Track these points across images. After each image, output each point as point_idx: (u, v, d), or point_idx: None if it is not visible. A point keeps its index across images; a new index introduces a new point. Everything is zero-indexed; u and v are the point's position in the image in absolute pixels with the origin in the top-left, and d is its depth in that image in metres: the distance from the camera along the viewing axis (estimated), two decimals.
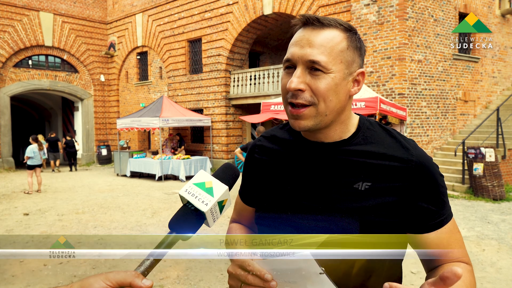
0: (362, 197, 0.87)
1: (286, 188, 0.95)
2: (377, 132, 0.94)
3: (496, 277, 4.05)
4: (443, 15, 10.45)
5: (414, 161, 0.87)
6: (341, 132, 0.93)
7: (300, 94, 0.85)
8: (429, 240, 0.89)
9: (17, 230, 6.23)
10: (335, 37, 0.86)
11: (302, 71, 0.85)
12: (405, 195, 0.86)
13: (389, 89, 9.78)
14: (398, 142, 0.91)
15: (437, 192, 0.88)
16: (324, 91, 0.84)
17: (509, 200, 8.15)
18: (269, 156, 1.02)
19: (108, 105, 18.89)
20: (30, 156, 9.92)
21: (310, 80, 0.85)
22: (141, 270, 0.68)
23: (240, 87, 13.69)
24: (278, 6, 11.98)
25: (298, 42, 0.87)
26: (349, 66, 0.88)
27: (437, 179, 0.89)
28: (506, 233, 5.71)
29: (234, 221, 1.19)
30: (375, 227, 0.85)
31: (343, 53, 0.86)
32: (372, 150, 0.90)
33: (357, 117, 0.98)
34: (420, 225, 0.88)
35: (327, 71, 0.84)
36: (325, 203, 0.89)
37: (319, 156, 0.93)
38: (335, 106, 0.87)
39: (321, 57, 0.84)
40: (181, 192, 0.77)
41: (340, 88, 0.87)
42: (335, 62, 0.85)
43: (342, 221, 0.87)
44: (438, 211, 0.88)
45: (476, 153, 8.43)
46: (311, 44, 0.85)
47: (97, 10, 18.38)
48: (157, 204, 8.28)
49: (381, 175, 0.87)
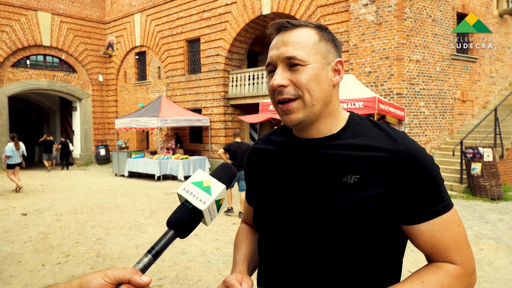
0: (352, 190, 0.87)
1: (280, 186, 0.97)
2: (366, 126, 0.95)
3: (494, 277, 4.07)
4: (441, 15, 10.48)
5: (401, 151, 0.87)
6: (331, 125, 0.95)
7: (284, 90, 0.90)
8: (420, 232, 0.87)
9: (15, 230, 6.22)
10: (306, 34, 0.91)
11: (282, 69, 0.90)
12: (394, 185, 0.85)
13: (388, 89, 9.80)
14: (386, 134, 0.92)
15: (428, 181, 0.86)
16: (306, 82, 0.88)
17: (507, 199, 8.18)
18: (264, 157, 1.06)
19: (106, 105, 18.87)
20: (8, 155, 9.90)
21: (291, 75, 0.89)
22: (140, 267, 0.69)
23: (239, 87, 13.69)
24: (276, 6, 11.99)
25: (275, 45, 0.93)
26: (325, 56, 0.92)
27: (427, 167, 0.87)
28: (504, 232, 5.73)
29: (243, 221, 1.26)
30: (366, 219, 0.85)
31: (317, 46, 0.91)
32: (359, 143, 0.90)
33: (348, 113, 1.00)
34: (410, 215, 0.87)
35: (304, 64, 0.89)
36: (316, 198, 0.89)
37: (309, 152, 0.95)
38: (320, 95, 0.90)
39: (297, 52, 0.89)
40: (179, 190, 0.78)
41: (321, 77, 0.90)
42: (311, 54, 0.90)
43: (333, 216, 0.87)
44: (429, 201, 0.86)
45: (474, 153, 8.46)
46: (285, 43, 0.90)
47: (95, 10, 18.36)
48: (155, 204, 8.27)
49: (369, 166, 0.87)
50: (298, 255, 0.91)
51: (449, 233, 0.87)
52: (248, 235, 1.18)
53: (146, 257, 0.70)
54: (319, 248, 0.88)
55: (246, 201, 1.21)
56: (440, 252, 0.87)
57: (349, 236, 0.85)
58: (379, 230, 0.86)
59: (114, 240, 5.56)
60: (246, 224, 1.24)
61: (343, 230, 0.86)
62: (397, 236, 0.91)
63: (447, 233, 0.87)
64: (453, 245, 0.87)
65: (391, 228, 0.89)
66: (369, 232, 0.86)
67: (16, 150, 10.15)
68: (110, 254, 4.96)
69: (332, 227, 0.87)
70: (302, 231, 0.90)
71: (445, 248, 0.87)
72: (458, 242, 0.88)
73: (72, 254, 4.98)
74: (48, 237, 5.77)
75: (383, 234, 0.88)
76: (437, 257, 0.88)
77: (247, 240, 1.15)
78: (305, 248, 0.90)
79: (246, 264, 1.04)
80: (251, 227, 1.21)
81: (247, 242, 1.14)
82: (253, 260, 1.09)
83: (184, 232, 0.75)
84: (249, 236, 1.17)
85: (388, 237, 0.89)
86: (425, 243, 0.88)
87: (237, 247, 1.13)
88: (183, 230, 0.75)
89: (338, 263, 0.88)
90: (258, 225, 1.03)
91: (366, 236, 0.86)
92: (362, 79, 10.07)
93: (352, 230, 0.85)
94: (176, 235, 0.75)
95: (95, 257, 4.83)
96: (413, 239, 0.90)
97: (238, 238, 1.18)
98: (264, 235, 1.01)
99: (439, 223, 0.87)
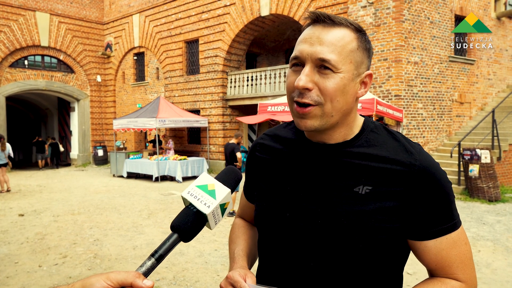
0: (362, 201, 0.84)
1: (286, 189, 0.93)
2: (380, 135, 0.91)
3: (492, 278, 4.07)
4: (439, 18, 10.52)
5: (417, 166, 0.84)
6: (345, 134, 0.90)
7: (307, 93, 0.83)
8: (427, 248, 0.86)
9: (12, 231, 6.19)
10: (345, 36, 0.84)
11: (311, 69, 0.83)
12: (406, 200, 0.83)
13: (386, 90, 9.82)
14: (401, 146, 0.88)
15: (441, 199, 0.84)
16: (332, 91, 0.82)
17: (504, 201, 8.20)
18: (270, 155, 1.01)
19: (104, 105, 18.83)
20: None
21: (319, 79, 0.82)
22: (142, 270, 0.68)
23: (237, 88, 13.69)
24: (275, 7, 12.00)
25: (308, 39, 0.84)
26: (358, 67, 0.85)
27: (442, 185, 0.84)
28: (502, 234, 5.75)
29: (239, 215, 1.22)
30: (375, 233, 0.83)
31: (353, 53, 0.84)
32: (374, 153, 0.87)
33: (362, 119, 0.95)
34: (420, 231, 0.85)
35: (336, 71, 0.82)
36: (324, 206, 0.87)
37: (320, 158, 0.91)
38: (342, 107, 0.85)
39: (332, 55, 0.81)
40: (184, 194, 0.78)
41: (348, 89, 0.84)
42: (345, 62, 0.83)
43: (340, 225, 0.84)
44: (440, 218, 0.84)
45: (472, 154, 8.48)
46: (321, 42, 0.82)
47: (93, 10, 18.33)
48: (153, 205, 8.25)
49: (383, 179, 0.84)
50: (301, 260, 0.90)
51: (456, 251, 0.86)
52: (245, 230, 1.14)
53: (149, 260, 0.70)
54: (323, 255, 0.87)
55: (245, 197, 1.16)
56: (445, 269, 0.87)
57: (356, 248, 0.84)
58: (386, 243, 0.85)
59: (112, 241, 5.54)
60: (242, 219, 1.19)
61: (350, 241, 0.84)
62: (402, 249, 0.90)
63: (453, 251, 0.86)
64: (458, 263, 0.86)
65: (398, 242, 0.87)
66: (376, 245, 0.84)
67: (1, 151, 10.12)
68: (108, 255, 4.94)
69: (339, 237, 0.85)
70: (307, 237, 0.88)
71: (450, 266, 0.86)
72: (464, 260, 0.87)
73: (70, 255, 4.95)
74: (45, 238, 5.75)
75: (389, 247, 0.86)
76: (441, 274, 0.88)
77: (244, 235, 1.12)
78: (308, 253, 0.88)
79: (246, 259, 1.00)
80: (247, 222, 1.18)
81: (245, 237, 1.10)
82: (251, 255, 1.06)
83: (188, 236, 0.75)
84: (246, 231, 1.13)
85: (393, 250, 0.88)
86: (431, 259, 0.87)
87: (234, 241, 1.09)
88: (187, 234, 0.74)
89: (341, 271, 0.86)
90: (260, 226, 1.00)
91: (373, 249, 0.84)
92: None
93: (359, 242, 0.83)
94: (180, 239, 0.74)
95: (93, 258, 4.81)
96: (419, 254, 0.89)
97: (234, 233, 1.13)
98: (266, 236, 0.99)
99: (447, 241, 0.85)
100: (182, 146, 15.42)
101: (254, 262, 1.08)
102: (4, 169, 10.15)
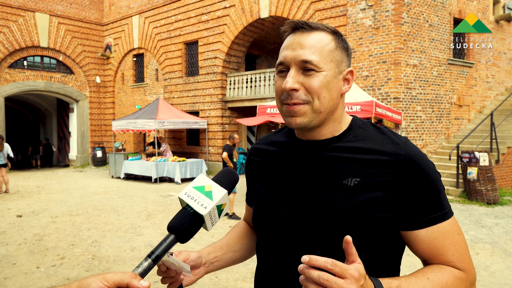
0: (351, 193, 0.87)
1: (280, 187, 0.97)
2: (368, 131, 0.95)
3: (490, 281, 4.08)
4: (438, 21, 10.56)
5: (403, 155, 0.87)
6: (333, 130, 0.95)
7: (294, 94, 0.88)
8: (418, 238, 0.87)
9: (10, 232, 6.17)
10: (324, 38, 0.90)
11: (296, 71, 0.89)
12: (395, 189, 0.85)
13: (385, 93, 9.84)
14: (388, 138, 0.92)
15: (429, 188, 0.86)
16: (318, 88, 0.87)
17: (502, 204, 8.21)
18: (265, 157, 1.06)
19: (103, 106, 18.82)
20: None
21: (304, 79, 0.88)
22: (139, 271, 0.68)
23: (236, 90, 13.70)
24: (275, 9, 12.03)
25: (290, 45, 0.91)
26: (338, 65, 0.91)
27: (428, 173, 0.87)
28: (500, 237, 5.75)
29: (244, 219, 1.27)
30: (365, 223, 0.85)
31: (333, 53, 0.90)
32: (361, 146, 0.91)
33: (350, 117, 1.00)
34: (410, 220, 0.87)
35: (319, 70, 0.88)
36: (315, 200, 0.89)
37: (310, 154, 0.95)
38: (328, 103, 0.90)
39: (313, 56, 0.87)
40: (181, 195, 0.78)
41: (332, 85, 0.90)
42: (326, 61, 0.89)
43: (331, 218, 0.87)
44: (429, 207, 0.86)
45: (470, 157, 8.50)
46: (302, 46, 0.89)
47: (93, 11, 18.34)
48: (152, 207, 8.24)
49: (370, 170, 0.87)
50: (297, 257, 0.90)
51: (449, 241, 0.87)
52: (239, 229, 1.19)
53: (146, 261, 0.70)
54: (318, 249, 0.88)
55: (246, 201, 1.22)
56: (439, 258, 0.87)
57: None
58: (377, 234, 0.86)
59: (110, 243, 5.53)
60: (245, 222, 1.25)
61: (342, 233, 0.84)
62: (396, 241, 0.91)
63: (447, 240, 0.87)
64: (454, 252, 0.87)
65: (390, 233, 0.88)
66: (368, 236, 0.86)
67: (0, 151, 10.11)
68: (106, 256, 4.93)
69: (331, 230, 0.87)
70: (301, 232, 0.91)
71: (445, 254, 0.87)
72: (459, 249, 0.87)
73: (68, 256, 4.94)
74: (43, 239, 5.73)
75: (382, 239, 0.88)
76: (436, 262, 0.88)
77: (233, 232, 1.18)
78: (304, 249, 0.89)
79: (209, 249, 1.06)
80: (247, 225, 1.23)
81: (231, 234, 1.16)
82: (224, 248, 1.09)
83: (185, 237, 0.75)
84: (238, 230, 1.19)
85: (386, 242, 0.89)
86: (424, 249, 0.88)
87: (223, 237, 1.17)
88: (183, 235, 0.75)
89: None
90: (258, 226, 1.03)
91: (365, 240, 0.85)
92: (359, 83, 10.11)
93: (350, 233, 0.84)
94: (177, 240, 0.74)
95: (91, 260, 4.80)
96: (412, 245, 0.90)
97: (229, 231, 1.20)
98: (263, 236, 1.02)
99: (439, 230, 0.87)
100: (181, 148, 15.42)
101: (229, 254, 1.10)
102: (3, 169, 10.12)
